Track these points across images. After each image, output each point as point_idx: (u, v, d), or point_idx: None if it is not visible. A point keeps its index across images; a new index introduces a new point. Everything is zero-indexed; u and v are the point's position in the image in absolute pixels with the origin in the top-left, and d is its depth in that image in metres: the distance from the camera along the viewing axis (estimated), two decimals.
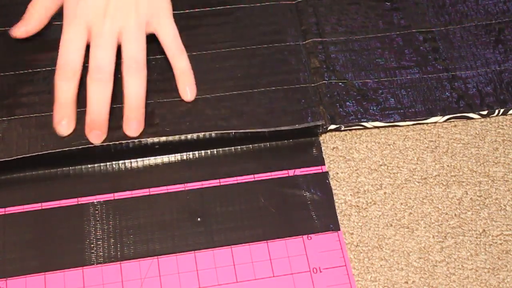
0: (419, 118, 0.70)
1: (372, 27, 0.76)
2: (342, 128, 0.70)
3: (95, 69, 0.64)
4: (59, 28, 0.67)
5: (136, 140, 0.66)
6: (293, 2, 0.77)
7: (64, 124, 0.65)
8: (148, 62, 0.72)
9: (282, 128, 0.68)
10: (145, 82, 0.66)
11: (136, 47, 0.66)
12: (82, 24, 0.65)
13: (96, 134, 0.65)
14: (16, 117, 0.67)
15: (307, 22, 0.76)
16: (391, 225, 0.65)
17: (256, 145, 0.69)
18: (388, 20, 0.76)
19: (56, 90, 0.65)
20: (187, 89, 0.69)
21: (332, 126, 0.69)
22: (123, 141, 0.66)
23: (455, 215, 0.66)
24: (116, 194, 0.66)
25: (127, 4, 0.66)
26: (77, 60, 0.65)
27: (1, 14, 0.74)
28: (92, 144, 0.65)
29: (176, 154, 0.68)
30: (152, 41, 0.71)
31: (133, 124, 0.66)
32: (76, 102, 0.66)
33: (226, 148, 0.68)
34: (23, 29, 0.69)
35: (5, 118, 0.67)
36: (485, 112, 0.71)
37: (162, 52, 0.70)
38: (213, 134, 0.67)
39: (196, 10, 0.76)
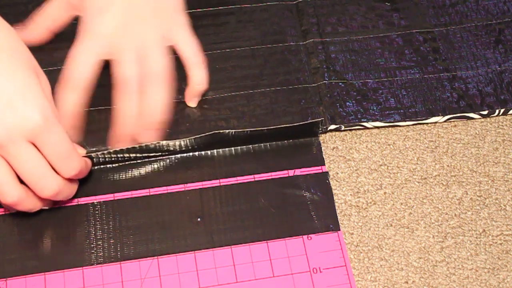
0: (419, 118, 0.70)
1: (372, 28, 0.76)
2: (342, 128, 0.70)
3: (121, 83, 0.64)
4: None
5: (137, 146, 0.66)
6: (294, 3, 0.77)
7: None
8: None
9: (282, 126, 0.68)
10: (167, 94, 0.65)
11: (158, 61, 0.65)
12: (98, 39, 0.65)
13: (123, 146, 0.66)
14: None
15: (307, 22, 0.76)
16: (391, 225, 0.65)
17: (256, 145, 0.69)
18: (388, 21, 0.76)
19: (60, 100, 0.64)
20: (196, 99, 0.70)
21: (332, 126, 0.69)
22: (123, 147, 0.66)
23: (455, 215, 0.66)
24: (116, 194, 0.66)
25: (145, 19, 0.66)
26: (85, 73, 0.64)
27: (1, 14, 0.74)
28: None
29: (176, 154, 0.68)
30: None
31: (147, 134, 0.66)
32: (82, 113, 0.65)
33: (226, 149, 0.68)
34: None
35: None
36: (485, 112, 0.71)
37: None
38: (213, 135, 0.67)
39: (197, 10, 0.76)
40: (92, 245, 0.63)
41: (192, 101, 0.70)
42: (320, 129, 0.69)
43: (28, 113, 0.56)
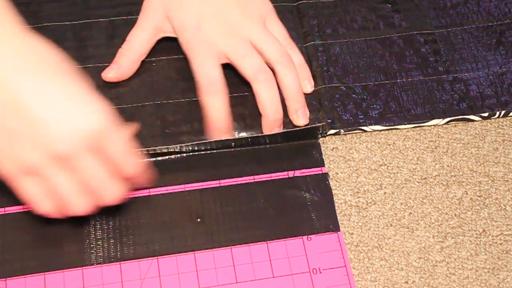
0: (419, 121, 0.70)
1: (373, 29, 0.76)
2: (342, 133, 0.70)
3: (254, 76, 0.67)
4: None
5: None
6: (294, 4, 0.77)
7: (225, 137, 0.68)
8: (149, 64, 0.72)
9: (282, 131, 0.68)
10: (296, 74, 0.69)
11: (275, 44, 0.69)
12: (212, 46, 0.68)
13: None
14: None
15: (308, 24, 0.76)
16: (391, 225, 0.65)
17: (256, 146, 0.69)
18: (389, 22, 0.76)
19: (208, 108, 0.67)
20: (306, 82, 0.71)
21: (332, 131, 0.69)
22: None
23: (455, 215, 0.66)
24: None
25: (244, 16, 0.69)
26: (217, 75, 0.67)
27: None
28: None
29: (176, 155, 0.68)
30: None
31: (299, 115, 0.69)
32: (230, 113, 0.68)
33: (226, 149, 0.68)
34: (113, 72, 0.71)
35: None
36: (486, 114, 0.71)
37: (163, 54, 0.71)
38: (213, 143, 0.67)
39: None
40: (92, 245, 0.63)
41: (305, 87, 0.72)
42: (319, 133, 0.69)
43: (83, 122, 0.55)
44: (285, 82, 0.68)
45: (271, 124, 0.68)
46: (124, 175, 0.59)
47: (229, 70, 0.68)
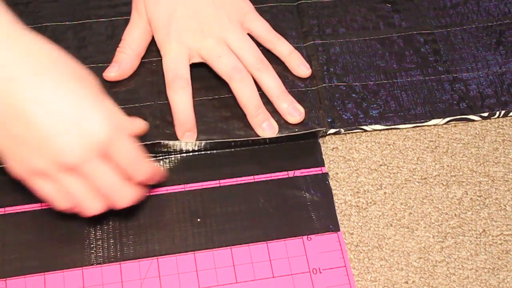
0: (419, 121, 0.70)
1: (373, 29, 0.76)
2: (342, 132, 0.70)
3: (229, 75, 0.68)
4: None
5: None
6: (294, 4, 0.77)
7: (188, 134, 0.67)
8: (149, 64, 0.72)
9: (283, 135, 0.68)
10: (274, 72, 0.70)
11: (251, 50, 0.69)
12: (184, 46, 0.69)
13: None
14: None
15: (308, 24, 0.76)
16: (391, 225, 0.65)
17: (256, 146, 0.69)
18: (389, 22, 0.76)
19: (173, 102, 0.67)
20: (301, 66, 0.72)
21: (332, 130, 0.69)
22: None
23: (455, 215, 0.66)
24: None
25: (220, 17, 0.69)
26: (186, 72, 0.68)
27: None
28: None
29: (176, 155, 0.68)
30: (151, 43, 0.72)
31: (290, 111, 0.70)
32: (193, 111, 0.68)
33: (226, 149, 0.68)
34: (114, 71, 0.71)
35: None
36: (485, 114, 0.71)
37: (159, 54, 0.71)
38: (213, 142, 0.67)
39: None
40: (92, 245, 0.63)
41: (301, 71, 0.72)
42: (319, 133, 0.69)
43: (93, 128, 0.54)
44: (266, 86, 0.69)
45: (257, 121, 0.68)
46: (135, 180, 0.59)
47: None
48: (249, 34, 0.71)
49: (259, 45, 0.71)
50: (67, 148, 0.54)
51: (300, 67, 0.72)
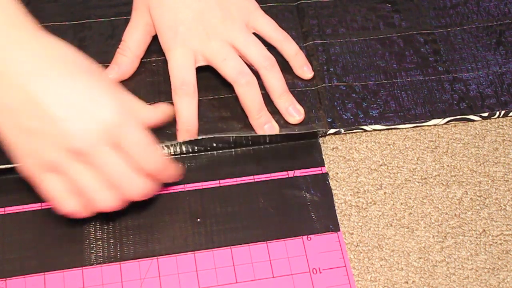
0: (419, 121, 0.70)
1: (373, 29, 0.76)
2: (342, 132, 0.70)
3: (235, 79, 0.68)
4: None
5: None
6: (294, 4, 0.77)
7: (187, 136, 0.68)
8: (149, 64, 0.72)
9: (283, 134, 0.68)
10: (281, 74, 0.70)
11: (257, 48, 0.69)
12: (190, 50, 0.68)
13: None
14: None
15: (308, 24, 0.76)
16: (391, 225, 0.65)
17: (256, 146, 0.69)
18: (389, 22, 0.76)
19: (179, 108, 0.67)
20: (305, 68, 0.72)
21: (332, 130, 0.69)
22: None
23: (455, 215, 0.66)
24: None
25: (225, 19, 0.69)
26: (192, 78, 0.68)
27: None
28: None
29: (176, 155, 0.68)
30: (151, 43, 0.72)
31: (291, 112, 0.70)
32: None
33: (226, 150, 0.68)
34: (113, 73, 0.71)
35: None
36: (485, 114, 0.71)
37: (163, 54, 0.71)
38: (213, 138, 0.67)
39: None
40: (92, 245, 0.63)
41: (304, 73, 0.72)
42: (319, 133, 0.69)
43: (102, 113, 0.56)
44: (270, 85, 0.69)
45: (259, 123, 0.68)
46: (145, 170, 0.59)
47: None
48: (255, 34, 0.71)
49: (265, 43, 0.71)
50: (75, 133, 0.55)
51: (304, 69, 0.72)
